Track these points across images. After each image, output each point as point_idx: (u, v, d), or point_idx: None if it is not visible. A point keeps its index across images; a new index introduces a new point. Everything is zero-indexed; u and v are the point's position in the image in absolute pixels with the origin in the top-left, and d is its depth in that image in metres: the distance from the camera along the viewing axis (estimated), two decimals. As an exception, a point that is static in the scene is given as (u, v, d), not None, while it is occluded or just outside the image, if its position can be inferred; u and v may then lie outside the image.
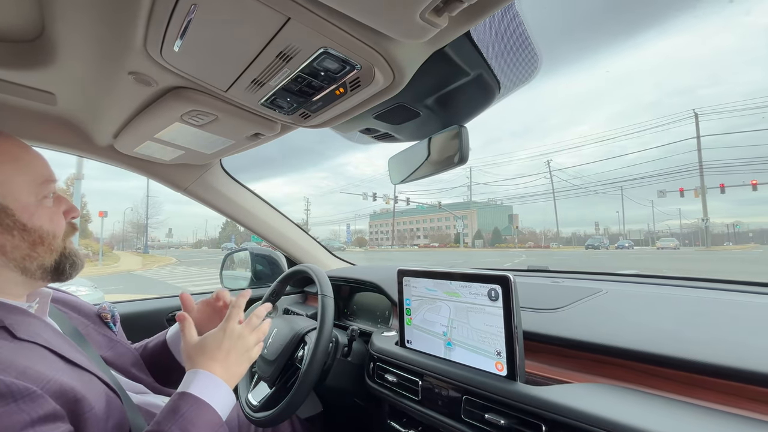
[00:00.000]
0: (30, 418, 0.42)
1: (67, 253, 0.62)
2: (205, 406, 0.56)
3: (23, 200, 0.56)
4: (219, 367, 0.62)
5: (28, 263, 0.57)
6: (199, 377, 0.60)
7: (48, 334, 0.55)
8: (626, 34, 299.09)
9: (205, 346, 0.64)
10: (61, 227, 0.61)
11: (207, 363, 0.62)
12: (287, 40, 0.52)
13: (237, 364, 0.65)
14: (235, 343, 0.65)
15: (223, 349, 0.64)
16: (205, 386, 0.59)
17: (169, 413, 0.54)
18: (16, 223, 0.55)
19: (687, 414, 0.51)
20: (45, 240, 0.58)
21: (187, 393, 0.57)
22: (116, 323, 0.77)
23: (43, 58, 0.66)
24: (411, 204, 46.15)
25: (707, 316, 0.71)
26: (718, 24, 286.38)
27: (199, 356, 0.63)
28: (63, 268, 0.61)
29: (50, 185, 0.60)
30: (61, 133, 0.98)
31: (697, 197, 34.08)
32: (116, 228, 62.15)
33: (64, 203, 0.63)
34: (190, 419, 0.53)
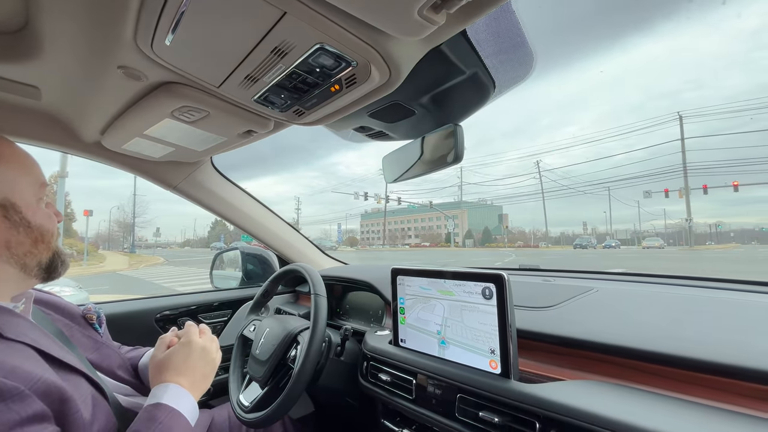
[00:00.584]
0: (19, 418, 0.42)
1: (59, 253, 0.64)
2: (179, 416, 0.60)
3: (27, 199, 0.59)
4: (185, 381, 0.67)
5: (28, 260, 0.58)
6: (170, 390, 0.64)
7: (35, 334, 0.54)
8: (613, 38, 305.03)
9: (171, 361, 0.68)
10: (56, 227, 0.64)
11: (174, 377, 0.66)
12: (282, 35, 0.51)
13: (203, 378, 0.71)
14: (200, 355, 0.71)
15: (190, 363, 0.69)
16: (177, 398, 0.63)
17: (148, 421, 0.57)
18: (22, 220, 0.57)
19: (676, 409, 0.52)
20: (45, 238, 0.60)
21: (162, 404, 0.60)
22: (102, 324, 0.75)
23: (28, 50, 0.64)
24: (402, 203, 46.22)
25: (696, 314, 0.72)
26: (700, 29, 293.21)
27: (165, 371, 0.67)
28: (55, 266, 0.63)
29: (45, 188, 0.63)
30: (45, 128, 0.95)
31: (681, 198, 34.90)
32: (102, 227, 60.85)
33: (50, 206, 0.65)
34: (168, 426, 0.57)
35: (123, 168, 1.17)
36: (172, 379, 0.66)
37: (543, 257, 24.77)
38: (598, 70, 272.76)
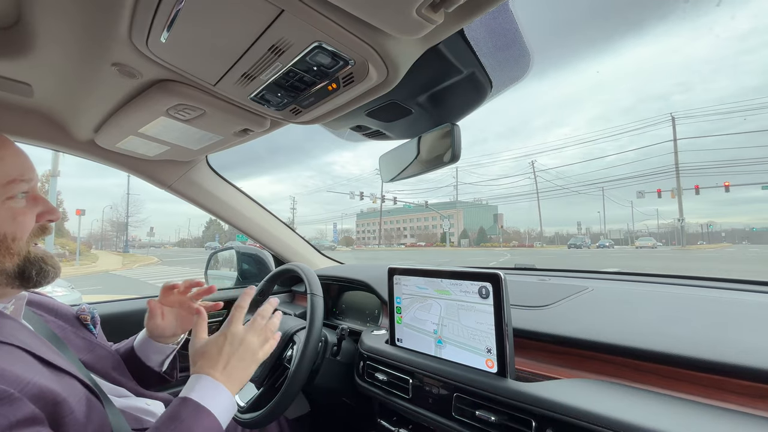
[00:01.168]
0: (8, 422, 0.41)
1: (33, 258, 0.57)
2: (204, 412, 0.56)
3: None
4: (219, 374, 0.61)
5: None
6: (201, 383, 0.59)
7: (25, 336, 0.53)
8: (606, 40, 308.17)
9: (207, 351, 0.63)
10: (26, 229, 0.57)
11: (207, 369, 0.61)
12: (280, 33, 0.51)
13: (240, 369, 0.64)
14: (237, 349, 0.64)
15: (224, 355, 0.63)
16: (207, 392, 0.58)
17: (168, 419, 0.53)
18: None
19: (670, 407, 0.52)
20: (2, 242, 0.54)
21: (189, 399, 0.56)
22: (96, 325, 0.74)
23: (20, 47, 0.63)
24: (398, 203, 46.26)
25: (689, 312, 0.73)
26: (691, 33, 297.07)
27: (200, 360, 0.62)
28: (28, 275, 0.57)
29: (18, 185, 0.56)
30: (37, 126, 0.94)
31: (673, 198, 35.29)
32: (95, 227, 60.15)
33: (41, 204, 0.60)
34: (188, 426, 0.53)
35: (117, 167, 1.16)
36: (205, 370, 0.61)
37: (538, 257, 24.93)
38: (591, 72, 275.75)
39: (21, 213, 0.56)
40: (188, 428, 0.52)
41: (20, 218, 0.56)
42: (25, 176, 0.57)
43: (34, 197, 0.60)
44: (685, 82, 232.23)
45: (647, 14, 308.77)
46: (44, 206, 0.60)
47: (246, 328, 0.67)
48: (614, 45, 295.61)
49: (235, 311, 0.68)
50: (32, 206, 0.59)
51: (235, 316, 0.67)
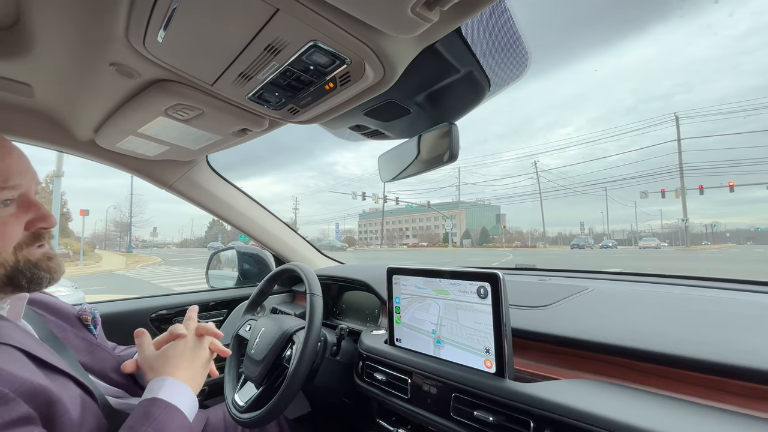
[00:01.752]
0: (2, 421, 0.41)
1: (22, 267, 0.55)
2: (176, 410, 0.58)
3: None
4: (184, 374, 0.65)
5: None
6: (167, 384, 0.61)
7: (20, 336, 0.53)
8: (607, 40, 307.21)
9: (168, 356, 0.66)
10: (7, 238, 0.54)
11: (172, 371, 0.64)
12: (275, 32, 0.51)
13: (199, 373, 0.68)
14: (196, 352, 0.69)
15: (186, 357, 0.67)
16: (174, 392, 0.60)
17: (142, 417, 0.55)
18: None
19: (670, 408, 0.52)
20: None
21: (158, 398, 0.58)
22: (96, 326, 0.74)
23: (19, 47, 0.64)
24: (400, 203, 46.24)
25: (690, 313, 0.72)
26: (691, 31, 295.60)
27: (162, 366, 0.65)
28: (18, 283, 0.55)
29: (3, 192, 0.53)
30: (38, 126, 0.94)
31: (677, 198, 35.08)
32: (98, 227, 60.57)
33: (32, 210, 0.57)
34: (163, 423, 0.55)
35: (118, 167, 1.16)
36: (169, 373, 0.63)
37: (540, 257, 24.85)
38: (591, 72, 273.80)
39: (1, 225, 0.53)
40: (163, 424, 0.54)
41: (1, 228, 0.53)
42: (8, 183, 0.54)
43: (27, 203, 0.57)
44: (686, 83, 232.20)
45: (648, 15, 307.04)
46: (36, 213, 0.57)
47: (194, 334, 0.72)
48: (615, 46, 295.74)
49: (188, 321, 0.74)
50: (22, 213, 0.56)
51: (190, 325, 0.73)
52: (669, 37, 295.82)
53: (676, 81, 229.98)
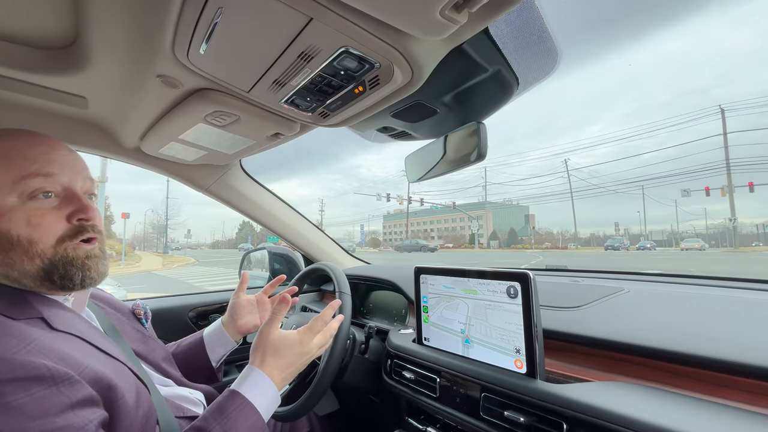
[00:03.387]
0: (69, 402, 0.44)
1: (58, 261, 0.53)
2: (251, 409, 0.60)
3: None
4: (279, 375, 0.66)
5: (7, 270, 0.52)
6: (254, 377, 0.63)
7: (82, 326, 0.57)
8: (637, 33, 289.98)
9: (280, 350, 0.68)
10: (48, 231, 0.53)
11: (271, 366, 0.66)
12: (309, 40, 0.54)
13: (293, 375, 0.70)
14: (305, 359, 0.70)
15: (291, 360, 0.68)
16: (258, 388, 0.62)
17: (216, 411, 0.58)
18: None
19: (713, 413, 0.50)
20: (17, 246, 0.51)
21: (238, 393, 0.60)
22: (148, 320, 0.80)
23: (77, 63, 0.70)
24: (425, 204, 45.94)
25: (733, 315, 0.69)
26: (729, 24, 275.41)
27: (270, 356, 0.67)
28: (51, 279, 0.53)
29: (35, 182, 0.53)
30: (91, 135, 1.02)
31: (724, 196, 32.77)
32: (138, 229, 64.12)
33: (74, 203, 0.56)
34: (234, 421, 0.57)
35: (159, 171, 1.24)
36: (267, 366, 0.65)
37: (572, 259, 23.92)
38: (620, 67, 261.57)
39: (39, 215, 0.53)
40: (234, 424, 0.57)
41: (38, 220, 0.52)
42: (43, 170, 0.53)
43: (69, 197, 0.56)
44: (725, 75, 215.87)
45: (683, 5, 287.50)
46: (76, 205, 0.56)
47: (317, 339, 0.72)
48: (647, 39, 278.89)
49: (317, 322, 0.73)
50: (63, 206, 0.55)
51: (316, 326, 0.73)
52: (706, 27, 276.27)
53: (715, 74, 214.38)
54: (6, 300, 0.52)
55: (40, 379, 0.43)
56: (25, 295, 0.54)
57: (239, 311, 0.93)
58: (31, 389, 0.42)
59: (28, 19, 0.63)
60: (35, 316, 0.52)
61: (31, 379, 0.43)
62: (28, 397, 0.41)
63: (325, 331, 0.74)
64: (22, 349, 0.45)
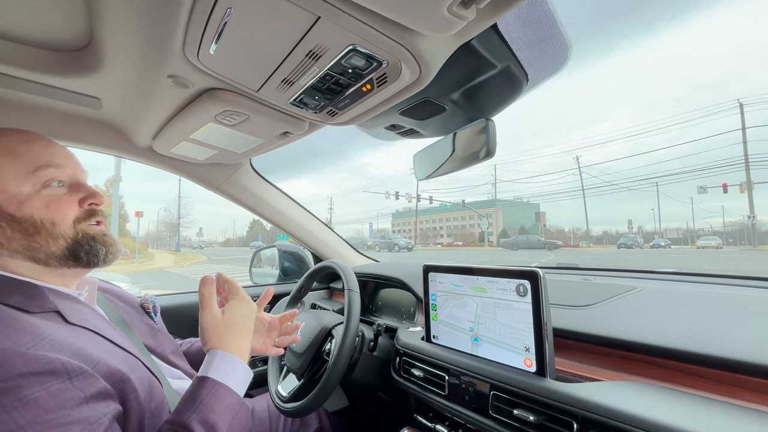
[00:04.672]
0: (84, 395, 0.45)
1: (81, 239, 0.59)
2: (224, 389, 0.58)
3: (11, 191, 0.55)
4: (244, 342, 0.65)
5: (34, 253, 0.56)
6: (218, 359, 0.61)
7: (96, 320, 0.59)
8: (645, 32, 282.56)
9: (234, 321, 0.65)
10: (65, 213, 0.58)
11: (233, 341, 0.63)
12: (317, 38, 0.54)
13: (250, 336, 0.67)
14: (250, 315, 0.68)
15: (248, 324, 0.67)
16: (225, 368, 0.60)
17: (189, 400, 0.55)
18: (2, 215, 0.54)
19: (728, 414, 0.49)
20: (41, 228, 0.56)
21: (207, 378, 0.58)
22: (157, 313, 0.82)
23: (92, 65, 0.71)
24: (434, 202, 45.77)
25: (750, 314, 0.67)
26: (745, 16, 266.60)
27: (228, 333, 0.64)
28: (78, 255, 0.59)
29: (47, 171, 0.58)
30: (105, 135, 1.05)
31: (742, 193, 31.84)
32: (151, 227, 65.30)
33: (82, 190, 0.61)
34: (209, 406, 0.55)
35: (171, 170, 1.26)
36: (229, 343, 0.63)
37: (583, 257, 23.55)
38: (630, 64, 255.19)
39: (56, 200, 0.58)
40: (210, 408, 0.54)
41: (55, 204, 0.57)
42: (53, 162, 0.59)
43: (76, 185, 0.62)
44: (741, 69, 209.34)
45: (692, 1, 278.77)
46: (86, 191, 0.62)
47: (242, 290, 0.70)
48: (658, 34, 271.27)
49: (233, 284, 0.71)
50: (73, 193, 0.61)
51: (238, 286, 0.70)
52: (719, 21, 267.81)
53: (730, 68, 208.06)
54: (22, 294, 0.53)
55: (55, 373, 0.44)
56: (40, 289, 0.55)
57: None
58: (47, 383, 0.43)
59: (45, 23, 0.65)
60: (51, 309, 0.53)
61: (47, 373, 0.44)
62: (43, 391, 0.43)
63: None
64: (37, 344, 0.46)
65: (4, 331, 0.45)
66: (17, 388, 0.41)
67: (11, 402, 0.40)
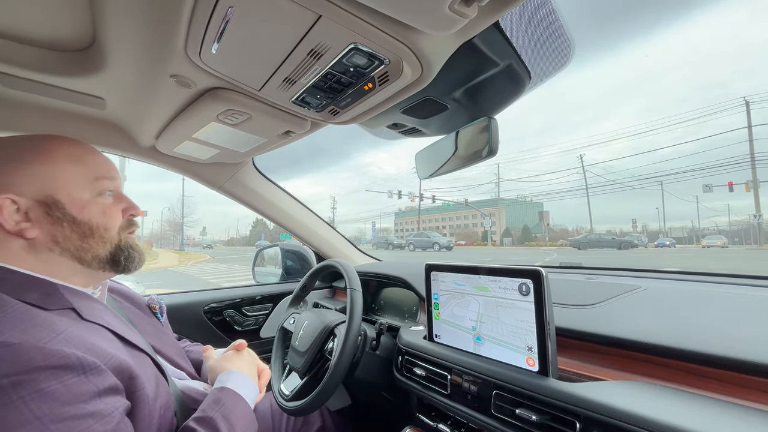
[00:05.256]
0: (97, 389, 0.46)
1: (123, 246, 0.65)
2: (240, 399, 0.67)
3: (75, 195, 0.59)
4: (246, 371, 0.77)
5: (83, 254, 0.60)
6: (234, 376, 0.72)
7: (109, 317, 0.60)
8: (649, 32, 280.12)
9: (229, 360, 0.79)
10: (115, 221, 0.64)
11: (237, 368, 0.76)
12: (318, 37, 0.54)
13: (254, 376, 0.80)
14: (251, 360, 0.83)
15: (243, 362, 0.80)
16: (240, 383, 0.71)
17: (213, 403, 0.63)
18: (65, 215, 0.58)
19: (732, 414, 0.48)
20: (95, 232, 0.61)
21: (227, 388, 0.68)
22: (163, 314, 0.82)
23: (95, 65, 0.72)
24: (437, 201, 45.67)
25: (755, 314, 0.66)
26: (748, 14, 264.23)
27: (227, 364, 0.77)
28: (118, 260, 0.64)
29: (104, 182, 0.63)
30: (108, 135, 1.05)
31: (748, 191, 31.54)
32: (155, 227, 65.66)
33: (124, 201, 0.67)
34: (230, 408, 0.63)
35: (175, 170, 1.27)
36: (233, 368, 0.75)
37: (587, 256, 23.41)
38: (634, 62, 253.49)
39: (108, 207, 0.63)
40: (229, 410, 0.63)
41: (108, 211, 0.63)
42: (109, 174, 0.65)
43: (119, 196, 0.67)
44: (745, 68, 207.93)
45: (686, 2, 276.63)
46: (126, 203, 0.67)
47: None
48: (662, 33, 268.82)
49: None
50: (117, 203, 0.66)
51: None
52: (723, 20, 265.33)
53: (734, 67, 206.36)
54: (39, 292, 0.54)
55: (70, 367, 0.45)
56: (56, 287, 0.56)
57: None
58: (62, 377, 0.44)
59: (49, 24, 0.65)
60: (66, 306, 0.55)
61: (63, 367, 0.45)
62: (59, 384, 0.44)
63: None
64: (54, 339, 0.47)
65: (22, 326, 0.46)
66: (35, 381, 0.43)
67: (29, 394, 0.42)
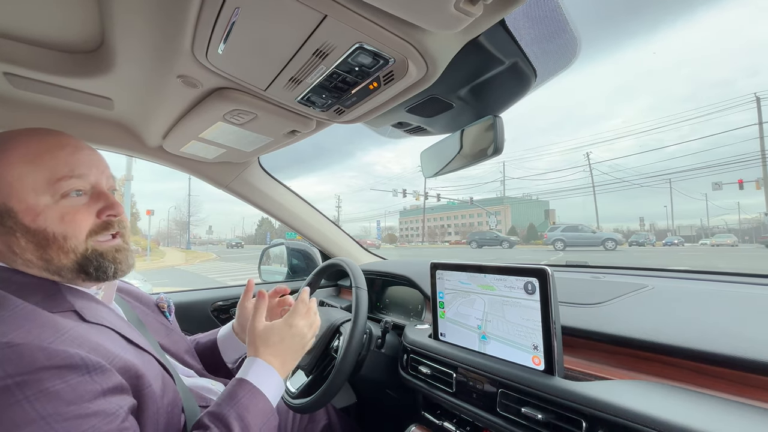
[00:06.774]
0: (101, 389, 0.47)
1: (89, 255, 0.57)
2: (259, 394, 0.62)
3: (30, 201, 0.53)
4: (277, 361, 0.68)
5: (47, 264, 0.55)
6: (256, 366, 0.65)
7: (112, 318, 0.60)
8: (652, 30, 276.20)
9: (269, 338, 0.69)
10: (78, 227, 0.56)
11: (267, 355, 0.68)
12: (323, 37, 0.54)
13: (293, 359, 0.71)
14: (297, 341, 0.71)
15: (285, 345, 0.70)
16: (261, 375, 0.64)
17: (228, 398, 0.60)
18: (17, 225, 0.53)
19: (741, 414, 0.48)
20: (53, 242, 0.54)
21: (245, 380, 0.62)
22: (171, 313, 0.83)
23: (104, 66, 0.73)
24: (441, 200, 45.56)
25: (764, 313, 0.66)
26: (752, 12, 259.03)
27: (261, 346, 0.68)
28: (88, 271, 0.57)
29: (70, 182, 0.56)
30: (116, 135, 1.07)
31: (759, 189, 31.03)
32: (162, 225, 66.24)
33: (102, 200, 0.59)
34: (245, 405, 0.59)
35: (181, 169, 1.28)
36: (263, 355, 0.67)
37: (593, 254, 23.20)
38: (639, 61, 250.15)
39: (71, 212, 0.56)
40: (245, 407, 0.59)
41: (69, 218, 0.55)
42: (75, 172, 0.56)
43: (97, 194, 0.59)
44: (751, 66, 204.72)
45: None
46: (105, 202, 0.59)
47: (304, 322, 0.73)
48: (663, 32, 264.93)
49: (300, 304, 0.74)
50: (93, 203, 0.58)
51: (300, 309, 0.74)
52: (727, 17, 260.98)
53: (739, 65, 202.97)
54: (42, 293, 0.54)
55: (74, 367, 0.46)
56: (59, 288, 0.57)
57: (246, 318, 0.90)
58: (67, 376, 0.45)
59: (58, 26, 0.66)
60: (68, 309, 0.55)
61: (67, 366, 0.45)
62: (64, 384, 0.44)
63: (308, 311, 0.75)
64: (57, 339, 0.47)
65: (26, 327, 0.47)
66: (39, 381, 0.43)
67: (34, 393, 0.42)
